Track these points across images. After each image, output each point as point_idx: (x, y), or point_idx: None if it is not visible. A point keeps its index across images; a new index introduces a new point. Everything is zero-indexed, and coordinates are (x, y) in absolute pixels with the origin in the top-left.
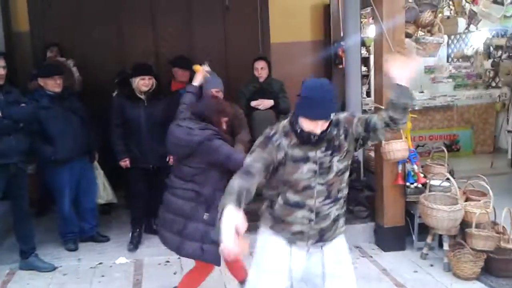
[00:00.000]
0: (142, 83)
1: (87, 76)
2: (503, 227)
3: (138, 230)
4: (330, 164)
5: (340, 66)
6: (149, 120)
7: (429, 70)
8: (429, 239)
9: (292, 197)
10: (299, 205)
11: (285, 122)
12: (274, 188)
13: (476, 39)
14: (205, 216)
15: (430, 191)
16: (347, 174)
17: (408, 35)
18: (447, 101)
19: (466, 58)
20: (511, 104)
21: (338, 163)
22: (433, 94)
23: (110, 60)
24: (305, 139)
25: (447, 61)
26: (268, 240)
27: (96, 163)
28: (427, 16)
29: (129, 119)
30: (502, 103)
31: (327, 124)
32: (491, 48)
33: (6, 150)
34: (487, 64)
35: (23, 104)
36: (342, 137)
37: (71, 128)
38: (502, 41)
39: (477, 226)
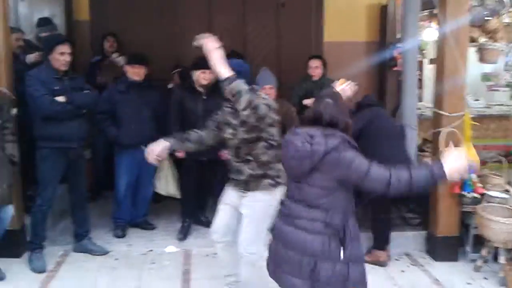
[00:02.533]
0: (202, 77)
1: None
2: None
3: (188, 220)
4: (236, 132)
5: (395, 68)
6: (206, 113)
7: (485, 77)
8: (484, 252)
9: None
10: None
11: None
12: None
13: None
14: (341, 253)
15: (487, 202)
16: (259, 144)
17: (472, 40)
18: (503, 110)
19: None
20: None
21: (243, 133)
22: (489, 102)
23: (164, 53)
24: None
25: (504, 69)
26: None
27: None
28: (495, 22)
29: (187, 111)
30: None
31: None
32: None
33: (68, 135)
34: None
35: (86, 91)
36: (251, 114)
37: (139, 117)
38: None
39: None
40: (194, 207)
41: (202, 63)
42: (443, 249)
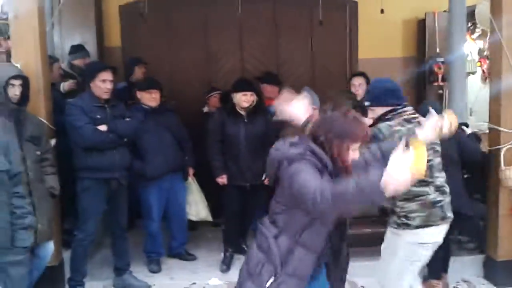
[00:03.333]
0: (244, 99)
1: (175, 93)
2: None
3: (230, 250)
4: None
5: (435, 84)
6: (248, 137)
7: None
8: None
9: None
10: None
11: None
12: None
13: None
14: (269, 283)
15: None
16: None
17: None
18: None
19: None
20: None
21: None
22: None
23: (197, 77)
24: None
25: None
26: None
27: (191, 179)
28: None
29: (228, 135)
30: None
31: None
32: None
33: (110, 165)
34: None
35: (127, 119)
36: None
37: (162, 144)
38: None
39: None
40: (237, 235)
41: (243, 85)
42: (503, 274)
